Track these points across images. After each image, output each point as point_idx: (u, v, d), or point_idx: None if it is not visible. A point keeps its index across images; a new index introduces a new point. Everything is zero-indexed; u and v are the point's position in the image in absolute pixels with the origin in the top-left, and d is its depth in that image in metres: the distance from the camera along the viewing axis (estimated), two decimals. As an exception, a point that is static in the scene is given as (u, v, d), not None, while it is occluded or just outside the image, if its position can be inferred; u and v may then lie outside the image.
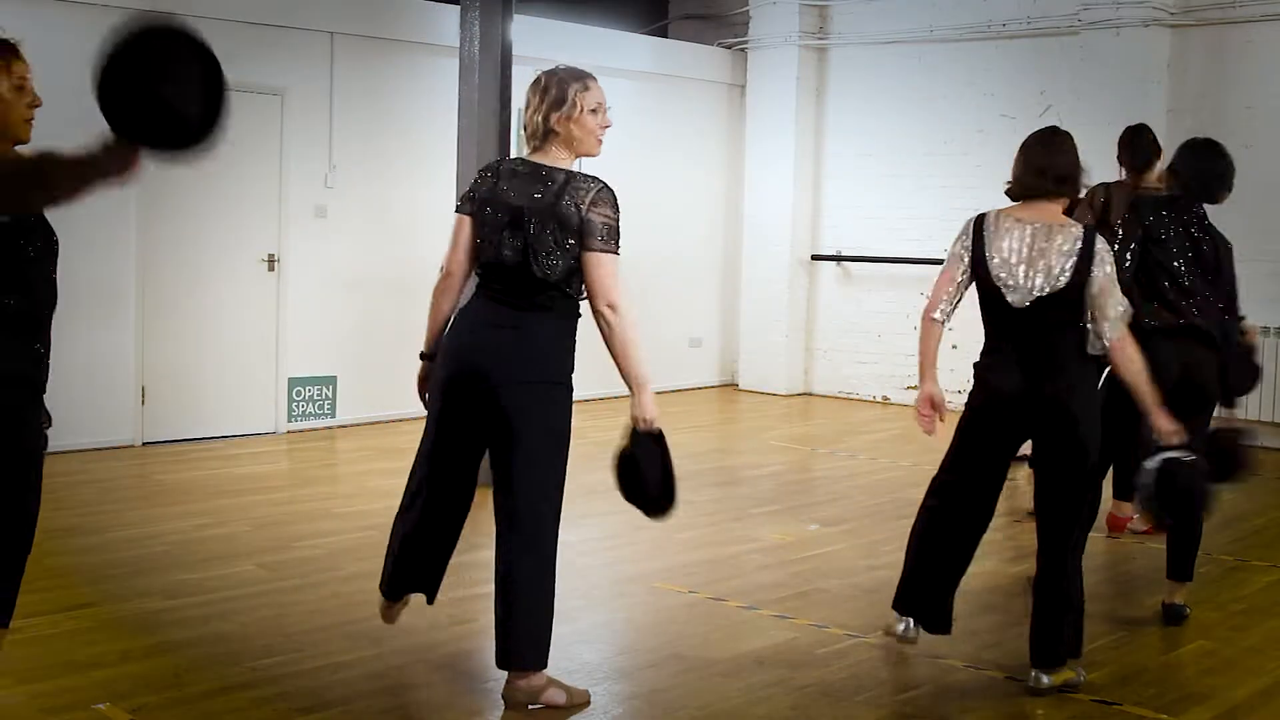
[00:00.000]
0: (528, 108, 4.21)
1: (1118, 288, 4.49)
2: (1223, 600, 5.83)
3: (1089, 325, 4.46)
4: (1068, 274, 4.42)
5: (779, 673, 4.72)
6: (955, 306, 4.66)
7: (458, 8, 7.85)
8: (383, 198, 9.77)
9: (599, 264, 4.17)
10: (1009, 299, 4.47)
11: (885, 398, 11.73)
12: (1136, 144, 6.84)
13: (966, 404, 4.69)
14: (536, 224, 4.12)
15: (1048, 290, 4.43)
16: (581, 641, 5.03)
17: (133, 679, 4.41)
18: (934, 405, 4.63)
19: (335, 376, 9.50)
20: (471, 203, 4.30)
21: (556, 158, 4.23)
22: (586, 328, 4.46)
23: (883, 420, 10.83)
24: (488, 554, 6.38)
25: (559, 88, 4.18)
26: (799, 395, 12.16)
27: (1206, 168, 5.56)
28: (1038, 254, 4.45)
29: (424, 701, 4.38)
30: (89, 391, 8.35)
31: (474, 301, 4.33)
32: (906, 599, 4.84)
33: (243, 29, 8.93)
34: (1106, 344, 4.44)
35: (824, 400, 11.95)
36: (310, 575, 5.74)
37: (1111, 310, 4.43)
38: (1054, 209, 4.57)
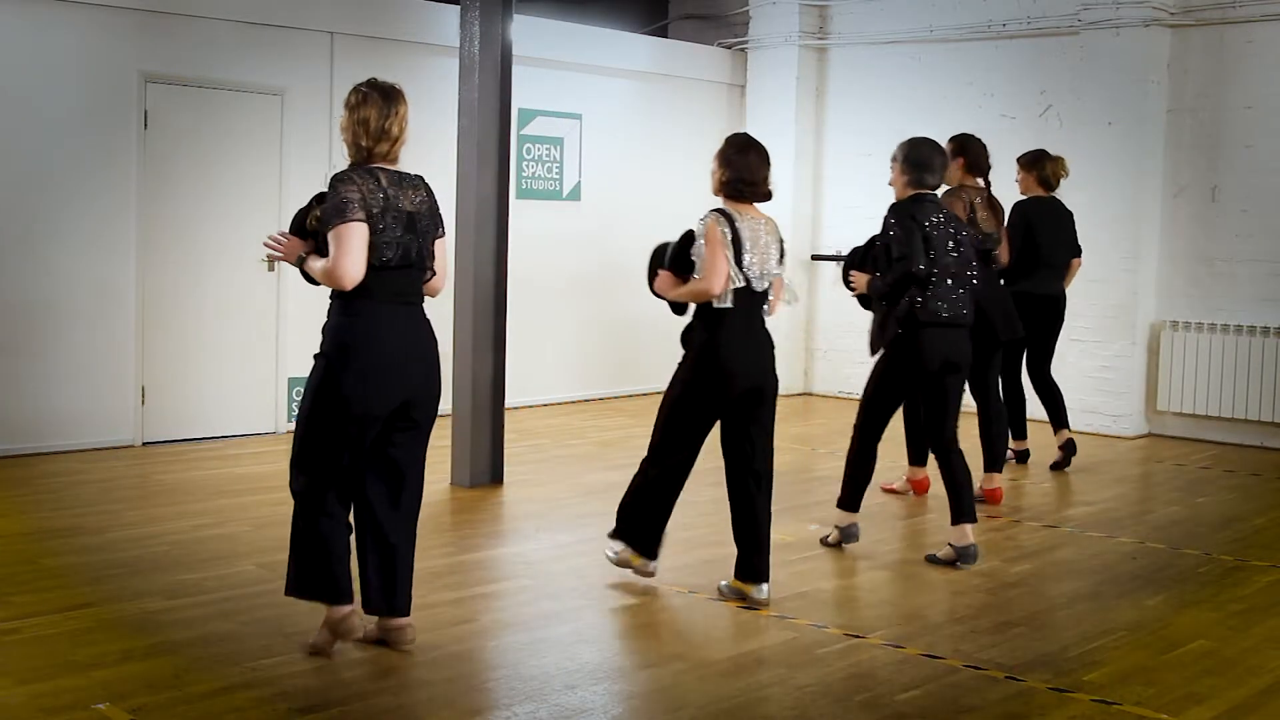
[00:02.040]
0: (383, 118, 4.59)
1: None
2: (1223, 600, 5.83)
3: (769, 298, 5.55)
4: (776, 263, 5.50)
5: (779, 673, 4.72)
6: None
7: (458, 8, 7.85)
8: (383, 198, 9.76)
9: (445, 248, 4.81)
10: (754, 287, 5.41)
11: (885, 398, 11.70)
12: (981, 151, 7.64)
13: (690, 379, 5.50)
14: (423, 225, 4.64)
15: (770, 276, 5.47)
16: (581, 642, 5.03)
17: (133, 679, 4.41)
18: None
19: (335, 376, 9.49)
20: (362, 210, 4.47)
21: (401, 163, 4.68)
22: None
23: (883, 420, 10.80)
24: (488, 554, 6.40)
25: (396, 98, 4.65)
26: (799, 395, 12.16)
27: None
28: (763, 249, 5.44)
29: (424, 701, 4.38)
30: (89, 391, 8.36)
31: (378, 309, 4.56)
32: (641, 533, 5.65)
33: (243, 29, 8.93)
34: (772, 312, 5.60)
35: (824, 400, 11.95)
36: (310, 575, 5.73)
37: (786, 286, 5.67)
38: (758, 208, 5.55)
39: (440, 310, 7.96)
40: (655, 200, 11.67)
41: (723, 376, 5.43)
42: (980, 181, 7.58)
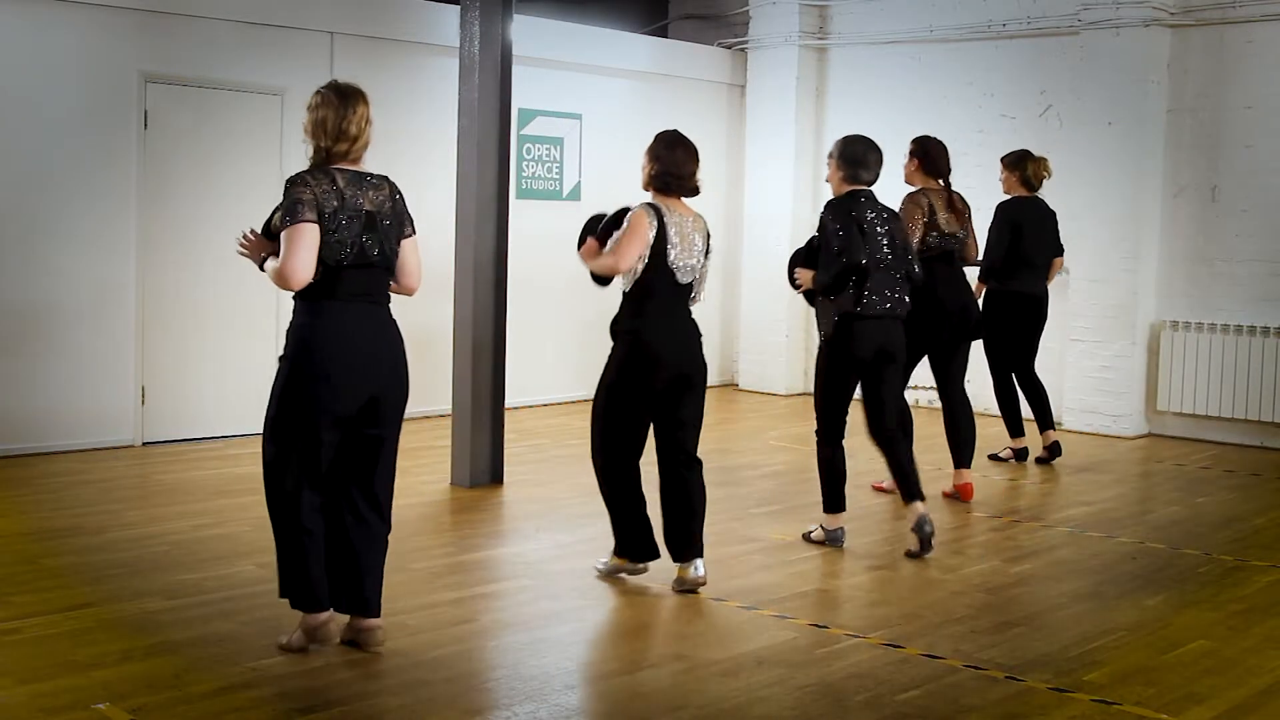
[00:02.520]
0: (340, 119, 4.53)
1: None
2: (1223, 600, 5.83)
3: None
4: (702, 257, 5.65)
5: (779, 673, 4.72)
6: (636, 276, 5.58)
7: (458, 8, 7.85)
8: (383, 198, 9.75)
9: (416, 247, 4.78)
10: (679, 279, 5.56)
11: (885, 398, 11.71)
12: (940, 152, 7.63)
13: (618, 373, 5.58)
14: (386, 225, 4.61)
15: (696, 270, 5.62)
16: (581, 642, 5.03)
17: (133, 679, 4.41)
18: None
19: (335, 376, 9.49)
20: (313, 211, 4.47)
21: (364, 164, 4.66)
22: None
23: (883, 420, 10.81)
24: (488, 554, 6.40)
25: (354, 98, 4.59)
26: (799, 395, 12.16)
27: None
28: (690, 243, 5.59)
29: (424, 701, 4.37)
30: (89, 391, 8.36)
31: (340, 307, 4.58)
32: (629, 541, 5.77)
33: (243, 29, 8.93)
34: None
35: (824, 400, 11.93)
36: (310, 575, 5.73)
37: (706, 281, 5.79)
38: (686, 204, 5.70)
39: (440, 310, 8.01)
40: (655, 200, 11.68)
41: (651, 365, 5.55)
42: (939, 183, 7.57)
